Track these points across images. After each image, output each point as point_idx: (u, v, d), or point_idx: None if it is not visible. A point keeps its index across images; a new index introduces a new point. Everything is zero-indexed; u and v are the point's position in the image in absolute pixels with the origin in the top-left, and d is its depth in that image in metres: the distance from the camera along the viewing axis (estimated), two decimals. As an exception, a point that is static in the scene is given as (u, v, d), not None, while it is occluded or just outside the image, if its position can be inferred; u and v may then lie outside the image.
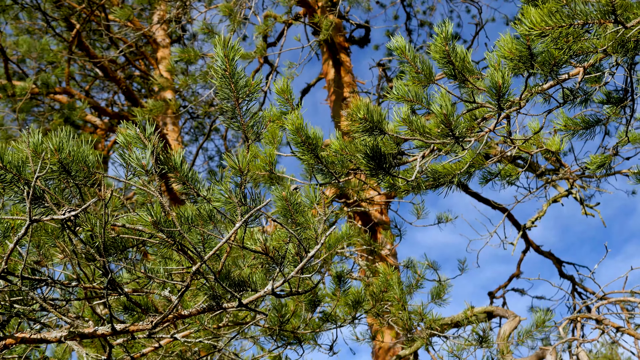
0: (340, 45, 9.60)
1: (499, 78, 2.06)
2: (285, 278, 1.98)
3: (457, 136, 2.25)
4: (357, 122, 2.30)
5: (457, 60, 2.20)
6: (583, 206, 7.78)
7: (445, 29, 2.20)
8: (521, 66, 2.11)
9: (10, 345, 2.34)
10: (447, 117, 2.16)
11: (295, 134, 2.34)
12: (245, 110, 1.75)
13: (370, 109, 2.25)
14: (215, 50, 1.67)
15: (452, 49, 2.20)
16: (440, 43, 2.19)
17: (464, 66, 2.23)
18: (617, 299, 6.50)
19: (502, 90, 2.10)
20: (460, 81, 2.27)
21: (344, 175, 2.57)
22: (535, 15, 1.85)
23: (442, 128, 2.21)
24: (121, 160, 1.80)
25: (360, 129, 2.31)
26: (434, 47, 2.24)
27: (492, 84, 2.10)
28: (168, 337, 2.65)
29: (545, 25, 1.86)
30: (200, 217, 2.02)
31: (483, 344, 5.13)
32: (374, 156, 2.38)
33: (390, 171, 2.41)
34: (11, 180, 1.85)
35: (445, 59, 2.22)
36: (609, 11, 1.83)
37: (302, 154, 2.37)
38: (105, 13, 9.37)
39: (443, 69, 2.29)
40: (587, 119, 2.66)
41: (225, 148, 11.76)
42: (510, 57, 2.10)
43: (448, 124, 2.18)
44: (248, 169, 1.76)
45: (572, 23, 1.86)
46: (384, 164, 2.39)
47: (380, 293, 3.76)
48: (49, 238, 2.31)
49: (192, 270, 1.87)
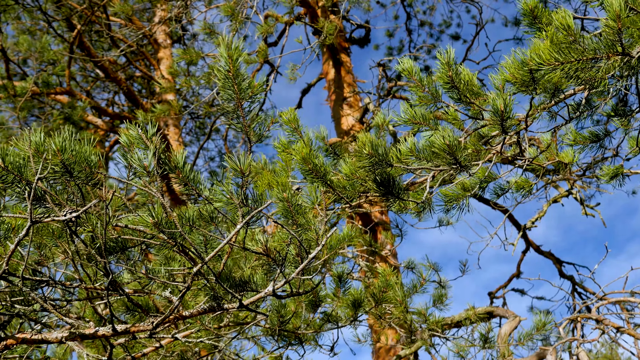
0: (341, 46, 9.60)
1: (501, 104, 2.12)
2: (287, 279, 1.98)
3: (462, 165, 2.31)
4: (364, 158, 2.34)
5: (461, 84, 2.25)
6: (583, 206, 7.78)
7: (447, 55, 2.24)
8: (524, 90, 2.16)
9: (11, 345, 2.34)
10: (451, 147, 2.22)
11: (302, 163, 2.38)
12: (247, 112, 1.76)
13: (375, 144, 2.31)
14: (219, 51, 1.67)
15: (455, 74, 2.24)
16: (444, 69, 2.23)
17: (468, 89, 2.27)
18: (617, 299, 6.50)
19: (505, 115, 2.15)
20: (466, 104, 2.32)
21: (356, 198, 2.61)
22: (544, 51, 1.89)
23: (447, 157, 2.26)
24: (123, 160, 1.80)
25: (367, 165, 2.37)
26: (439, 73, 2.29)
27: (494, 109, 2.17)
28: (169, 337, 2.65)
29: (554, 61, 1.89)
30: (201, 218, 2.03)
31: (485, 346, 5.14)
32: (384, 183, 2.44)
33: (400, 195, 2.46)
34: (12, 181, 1.85)
35: (450, 84, 2.27)
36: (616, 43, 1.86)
37: (311, 181, 2.41)
38: (106, 13, 9.37)
39: (448, 93, 2.35)
40: (596, 132, 2.71)
41: (226, 148, 11.76)
42: (513, 81, 2.16)
43: (452, 154, 2.24)
44: (250, 170, 1.76)
45: (582, 58, 1.89)
46: (394, 190, 2.45)
47: (381, 293, 3.76)
48: (51, 239, 2.31)
49: (194, 271, 1.87)
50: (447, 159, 2.27)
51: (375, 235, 7.89)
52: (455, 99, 2.36)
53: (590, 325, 6.47)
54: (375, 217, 7.93)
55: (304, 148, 2.33)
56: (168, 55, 10.33)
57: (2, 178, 1.81)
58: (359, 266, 6.74)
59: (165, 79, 9.31)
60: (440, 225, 6.66)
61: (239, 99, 1.71)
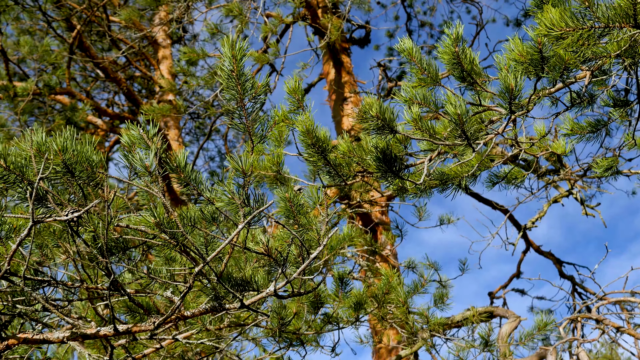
0: (341, 46, 9.60)
1: (512, 81, 2.05)
2: (288, 279, 1.98)
3: (469, 137, 2.24)
4: (369, 120, 2.27)
5: (466, 63, 2.19)
6: (584, 207, 7.78)
7: (455, 31, 2.19)
8: (532, 69, 2.09)
9: (12, 345, 2.34)
10: (461, 117, 2.15)
11: (305, 135, 2.33)
12: (250, 112, 1.75)
13: (383, 107, 2.23)
14: (223, 51, 1.67)
15: (462, 50, 2.18)
16: (450, 44, 2.18)
17: (472, 69, 2.22)
18: (617, 299, 6.50)
19: (515, 93, 2.08)
20: (469, 83, 2.26)
21: (352, 177, 2.56)
22: (555, 15, 1.81)
23: (454, 128, 2.20)
24: (125, 160, 1.80)
25: (371, 127, 2.28)
26: (443, 48, 2.22)
27: (504, 87, 2.09)
28: (169, 338, 2.65)
29: (565, 27, 1.82)
30: (203, 218, 2.02)
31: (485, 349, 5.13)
32: (384, 158, 2.36)
33: (400, 174, 2.39)
34: (14, 181, 1.85)
35: (455, 61, 2.21)
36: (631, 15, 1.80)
37: (310, 156, 2.36)
38: (107, 14, 9.37)
39: (452, 70, 2.27)
40: (593, 122, 2.64)
41: (226, 148, 11.76)
42: (521, 60, 2.08)
43: (461, 124, 2.17)
44: (251, 170, 1.76)
45: (593, 26, 1.82)
46: (394, 167, 2.38)
47: (383, 295, 3.76)
48: (52, 239, 2.31)
49: (195, 271, 1.87)
50: (454, 131, 2.20)
51: (376, 235, 7.89)
52: (457, 77, 2.28)
53: (590, 325, 6.48)
54: (376, 217, 7.93)
55: (307, 120, 2.29)
56: (168, 56, 10.33)
57: (3, 178, 1.81)
58: (360, 266, 6.74)
59: (166, 79, 9.31)
60: (442, 224, 6.65)
61: (242, 99, 1.70)
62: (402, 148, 2.44)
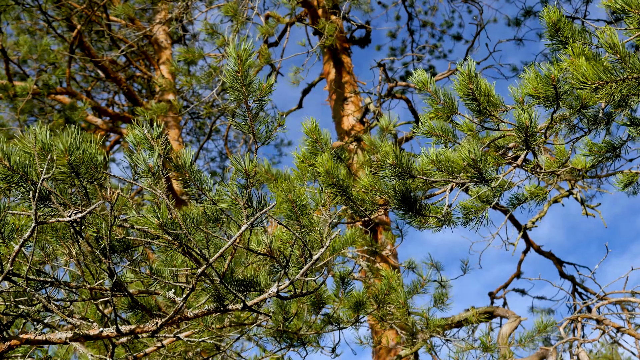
0: (341, 46, 9.60)
1: (527, 120, 2.10)
2: (291, 280, 1.98)
3: (485, 179, 2.29)
4: (388, 169, 2.35)
5: (481, 96, 2.23)
6: (584, 207, 7.78)
7: (468, 68, 2.22)
8: (547, 104, 2.13)
9: (14, 346, 2.34)
10: (476, 162, 2.20)
11: (326, 176, 2.37)
12: (254, 114, 1.76)
13: (399, 155, 2.31)
14: (228, 51, 1.67)
15: (476, 86, 2.22)
16: (465, 81, 2.21)
17: (488, 101, 2.26)
18: (617, 299, 6.50)
19: (529, 130, 2.13)
20: (485, 116, 2.31)
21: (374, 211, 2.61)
22: (588, 69, 1.83)
23: (472, 172, 2.25)
24: (129, 160, 1.80)
25: (389, 174, 2.37)
26: (458, 85, 2.27)
27: (519, 124, 2.14)
28: (171, 337, 2.65)
29: (599, 80, 1.84)
30: (206, 219, 2.03)
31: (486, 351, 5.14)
32: (404, 200, 2.44)
33: (422, 212, 2.46)
34: (18, 181, 1.85)
35: (470, 97, 2.26)
36: None
37: (333, 195, 2.40)
38: (107, 13, 9.37)
39: (468, 105, 2.33)
40: (612, 142, 2.68)
41: (227, 149, 11.76)
42: (535, 95, 2.13)
43: (477, 168, 2.23)
44: (254, 172, 1.76)
45: (628, 77, 1.84)
46: (414, 207, 2.45)
47: (383, 296, 3.76)
48: (55, 238, 2.30)
49: (198, 272, 1.87)
50: (472, 173, 2.26)
51: (376, 235, 7.89)
52: (474, 111, 2.34)
53: (590, 325, 6.48)
54: (376, 217, 7.93)
55: (327, 161, 2.33)
56: (169, 56, 10.33)
57: (7, 178, 1.81)
58: (360, 266, 6.74)
59: (166, 79, 9.31)
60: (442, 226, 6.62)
61: (247, 100, 1.70)
62: (423, 181, 2.49)
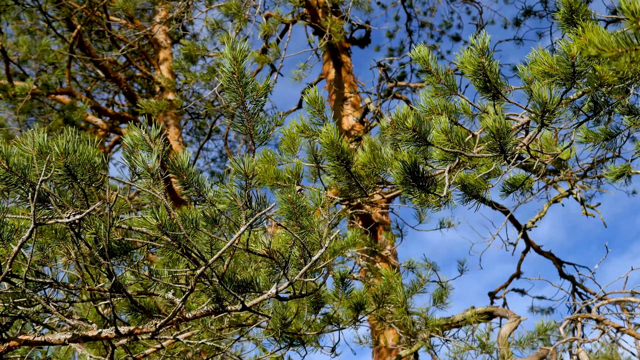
0: (341, 46, 9.59)
1: (546, 94, 1.98)
2: (290, 281, 1.98)
3: (505, 152, 2.17)
4: (405, 132, 2.16)
5: (490, 73, 2.12)
6: (584, 207, 7.77)
7: (482, 40, 2.10)
8: (562, 83, 2.04)
9: (13, 347, 2.34)
10: (500, 131, 2.07)
11: (329, 147, 2.26)
12: (251, 114, 1.75)
13: (420, 118, 2.14)
14: (224, 51, 1.66)
15: (488, 61, 2.11)
16: (477, 54, 2.09)
17: (497, 80, 2.16)
18: (617, 299, 6.50)
19: (549, 106, 2.02)
20: (495, 94, 2.20)
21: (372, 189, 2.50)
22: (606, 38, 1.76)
23: (492, 142, 2.12)
24: (127, 162, 1.79)
25: (406, 138, 2.17)
26: (468, 58, 2.15)
27: (537, 99, 2.02)
28: (170, 339, 2.64)
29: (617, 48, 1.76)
30: (205, 220, 2.02)
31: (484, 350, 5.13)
32: (413, 174, 2.25)
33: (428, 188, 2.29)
34: (16, 183, 1.84)
35: (481, 71, 2.13)
36: None
37: (334, 168, 2.29)
38: (107, 13, 9.37)
39: (475, 82, 2.19)
40: (609, 130, 2.61)
41: (227, 149, 11.76)
42: (551, 72, 2.03)
43: (500, 138, 2.08)
44: (253, 173, 1.76)
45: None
46: (422, 182, 2.27)
47: (383, 296, 3.76)
48: (53, 240, 2.30)
49: (197, 273, 1.87)
50: (492, 143, 2.12)
51: (376, 235, 7.89)
52: (481, 88, 2.21)
53: (590, 325, 6.48)
54: (376, 217, 7.92)
55: (332, 131, 2.22)
56: (168, 56, 10.33)
57: (6, 179, 1.81)
58: (360, 266, 6.74)
59: (166, 78, 9.30)
60: (442, 227, 6.62)
61: (243, 101, 1.70)
62: (422, 159, 2.36)
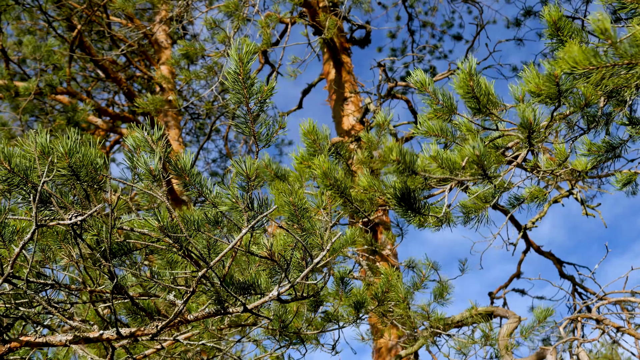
0: (341, 46, 9.60)
1: (530, 115, 2.06)
2: (291, 283, 1.98)
3: (489, 176, 2.27)
4: (391, 164, 2.31)
5: (481, 95, 2.20)
6: (584, 207, 7.77)
7: (469, 65, 2.18)
8: (549, 101, 2.10)
9: (14, 348, 2.34)
10: (480, 158, 2.17)
11: (323, 177, 2.36)
12: (256, 116, 1.75)
13: (403, 151, 2.29)
14: (229, 53, 1.66)
15: (476, 84, 2.18)
16: (465, 78, 2.18)
17: (488, 100, 2.22)
18: (617, 299, 6.51)
19: (534, 127, 2.10)
20: (485, 114, 2.27)
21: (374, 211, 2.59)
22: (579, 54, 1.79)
23: (475, 169, 2.22)
24: (129, 163, 1.79)
25: (392, 171, 2.35)
26: (458, 82, 2.22)
27: (523, 120, 2.11)
28: (170, 340, 2.65)
29: (589, 65, 1.79)
30: (206, 222, 2.02)
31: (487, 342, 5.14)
32: (404, 199, 2.41)
33: (422, 211, 2.44)
34: (18, 184, 1.85)
35: (470, 94, 2.21)
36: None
37: (332, 196, 2.39)
38: (107, 13, 9.37)
39: (468, 104, 2.28)
40: (611, 142, 2.66)
41: (227, 149, 11.77)
42: (537, 92, 2.09)
43: (481, 165, 2.19)
44: (255, 175, 1.76)
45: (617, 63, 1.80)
46: (414, 205, 2.42)
47: (383, 294, 3.76)
48: (55, 241, 2.30)
49: (199, 275, 1.87)
50: (475, 170, 2.24)
51: (376, 234, 7.89)
52: (473, 109, 2.30)
53: (590, 325, 6.48)
54: (376, 216, 7.93)
55: (325, 162, 2.32)
56: (168, 56, 10.33)
57: (7, 180, 1.81)
58: (360, 265, 6.74)
59: (166, 78, 9.31)
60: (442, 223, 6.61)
61: (248, 102, 1.70)
62: (422, 180, 2.46)
